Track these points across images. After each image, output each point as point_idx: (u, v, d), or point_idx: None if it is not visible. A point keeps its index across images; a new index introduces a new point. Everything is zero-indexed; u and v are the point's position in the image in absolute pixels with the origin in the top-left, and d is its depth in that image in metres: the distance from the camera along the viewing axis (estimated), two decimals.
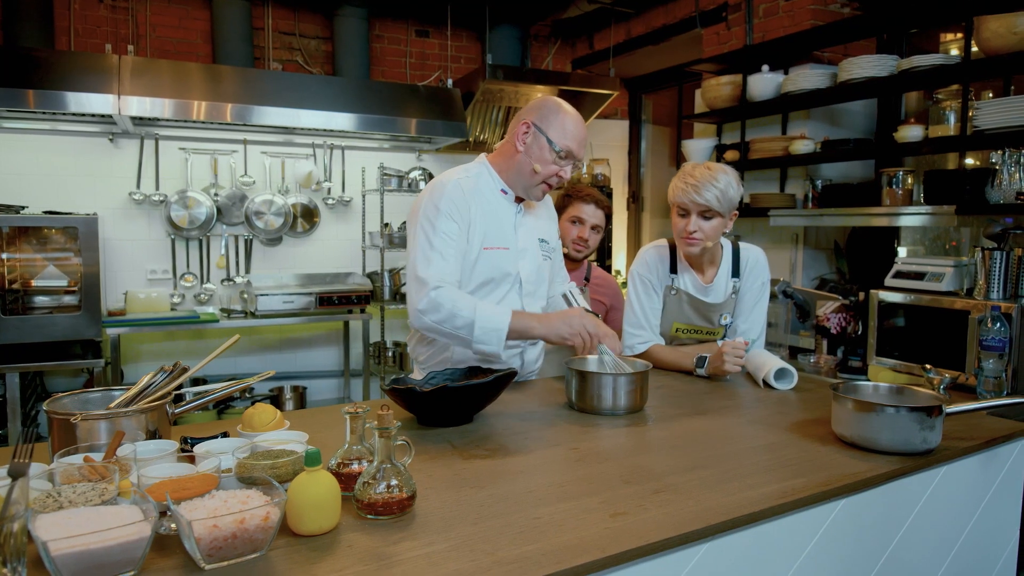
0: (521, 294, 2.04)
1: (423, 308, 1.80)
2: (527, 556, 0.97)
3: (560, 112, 1.92)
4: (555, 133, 1.90)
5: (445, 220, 1.88)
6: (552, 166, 1.92)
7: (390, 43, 5.01)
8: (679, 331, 2.28)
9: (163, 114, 3.70)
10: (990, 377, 2.57)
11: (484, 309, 1.79)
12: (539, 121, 1.92)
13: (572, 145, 1.91)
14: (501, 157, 2.01)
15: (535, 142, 1.92)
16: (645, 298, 2.25)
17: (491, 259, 1.96)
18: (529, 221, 2.09)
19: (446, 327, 1.79)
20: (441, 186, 1.93)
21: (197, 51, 4.45)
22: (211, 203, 4.33)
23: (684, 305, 2.25)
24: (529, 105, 1.98)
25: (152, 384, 1.40)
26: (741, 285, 2.23)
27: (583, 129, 1.95)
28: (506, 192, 2.02)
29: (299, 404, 4.53)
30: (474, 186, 1.96)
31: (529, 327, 1.81)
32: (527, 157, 1.93)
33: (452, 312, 1.77)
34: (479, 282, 1.96)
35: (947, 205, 2.98)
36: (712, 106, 4.09)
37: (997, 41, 2.81)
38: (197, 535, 0.91)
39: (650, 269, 2.25)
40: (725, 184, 2.05)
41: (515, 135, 1.95)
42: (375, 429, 1.11)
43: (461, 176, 1.97)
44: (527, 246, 2.05)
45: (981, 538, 1.53)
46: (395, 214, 4.78)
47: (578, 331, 1.78)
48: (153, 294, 4.15)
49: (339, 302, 4.29)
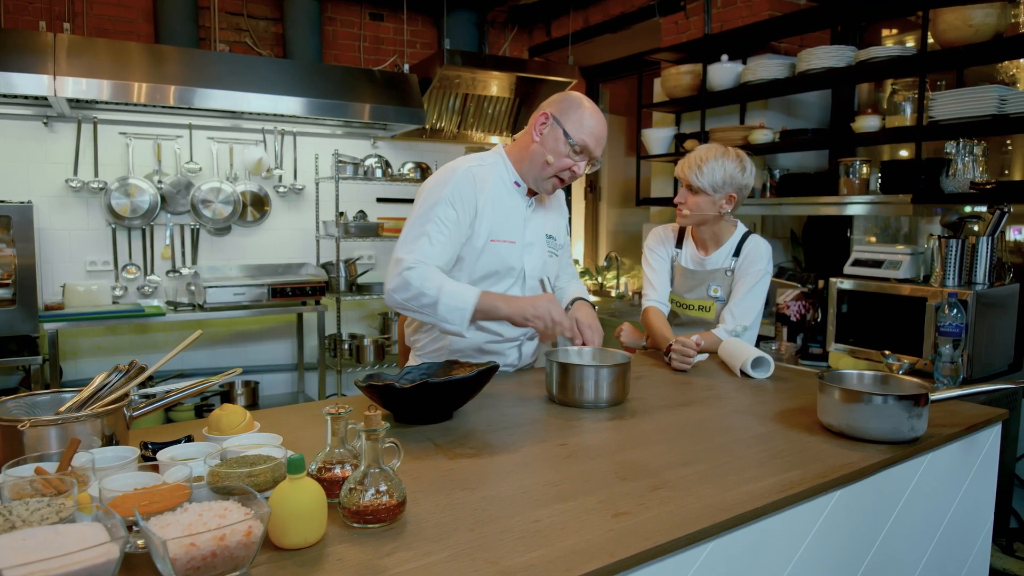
0: (524, 289, 2.02)
1: (392, 287, 1.79)
2: (533, 564, 0.91)
3: (581, 107, 1.90)
4: (572, 126, 1.87)
5: (445, 207, 1.84)
6: (566, 159, 1.89)
7: (343, 26, 4.85)
8: (672, 303, 2.44)
9: (101, 96, 3.49)
10: (946, 362, 2.62)
11: (449, 288, 1.76)
12: (558, 113, 1.89)
13: (588, 140, 1.88)
14: (517, 148, 1.99)
15: (551, 133, 1.89)
16: (654, 263, 2.46)
17: (497, 252, 1.94)
18: (539, 216, 2.07)
19: (413, 305, 1.77)
20: (451, 172, 1.90)
21: (138, 30, 4.22)
22: (154, 191, 4.12)
23: (677, 276, 2.43)
24: (552, 97, 1.96)
25: (107, 385, 1.29)
26: (738, 266, 2.32)
27: (603, 127, 1.92)
28: (519, 185, 1.99)
29: (251, 400, 4.37)
30: (487, 176, 1.93)
31: (494, 307, 1.77)
32: (541, 147, 1.91)
33: (419, 291, 1.75)
34: (482, 274, 1.95)
35: (903, 194, 3.04)
36: (672, 95, 4.08)
37: (952, 33, 2.86)
38: (173, 555, 0.82)
39: (657, 240, 2.49)
40: (711, 166, 2.22)
41: (533, 125, 1.93)
42: (361, 431, 1.04)
43: (474, 164, 1.94)
44: (534, 241, 2.04)
45: (962, 520, 1.55)
46: (350, 202, 4.64)
47: (541, 315, 1.75)
48: (93, 287, 3.92)
49: (293, 294, 4.14)
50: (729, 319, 2.27)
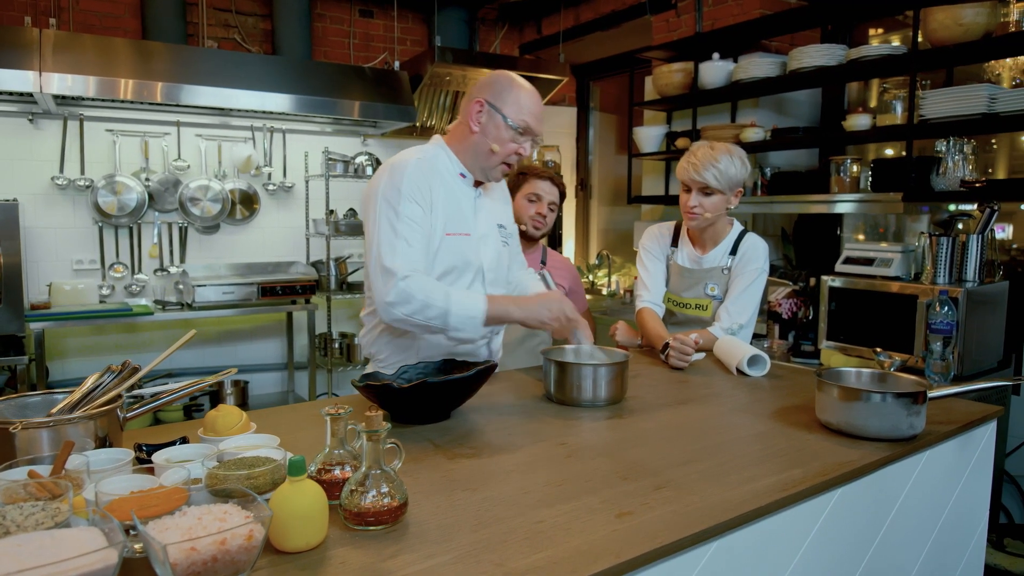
0: (484, 283, 1.94)
1: (393, 300, 1.68)
2: (539, 566, 0.90)
3: (513, 87, 1.83)
4: (510, 109, 1.81)
5: (408, 203, 1.75)
6: (510, 144, 1.83)
7: (332, 23, 4.81)
8: (669, 301, 2.42)
9: (87, 92, 3.44)
10: (937, 359, 2.64)
11: (458, 297, 1.70)
12: (493, 98, 1.82)
13: (529, 120, 1.82)
14: (456, 139, 1.91)
15: (490, 121, 1.82)
16: (649, 263, 2.44)
17: (453, 246, 1.86)
18: (487, 205, 1.99)
19: (418, 318, 1.68)
20: (402, 166, 1.80)
21: (124, 26, 4.16)
22: (142, 188, 4.07)
23: (673, 275, 2.41)
24: (480, 81, 1.88)
25: (100, 385, 1.27)
26: (735, 265, 2.31)
27: (539, 102, 1.86)
28: (464, 176, 1.92)
29: (241, 399, 4.33)
30: (432, 166, 1.85)
31: (507, 311, 1.73)
32: (484, 137, 1.83)
33: (424, 302, 1.67)
34: (441, 271, 1.86)
35: (894, 192, 3.05)
36: (663, 93, 4.08)
37: (943, 32, 2.88)
38: (173, 560, 0.81)
39: (653, 239, 2.47)
40: (725, 164, 2.19)
41: (469, 115, 1.84)
42: (362, 432, 1.02)
43: (420, 156, 1.85)
44: (487, 232, 1.96)
45: (958, 517, 1.55)
46: (341, 200, 4.61)
47: (557, 315, 1.72)
48: (80, 286, 3.87)
49: (283, 292, 4.10)
50: (725, 317, 2.27)
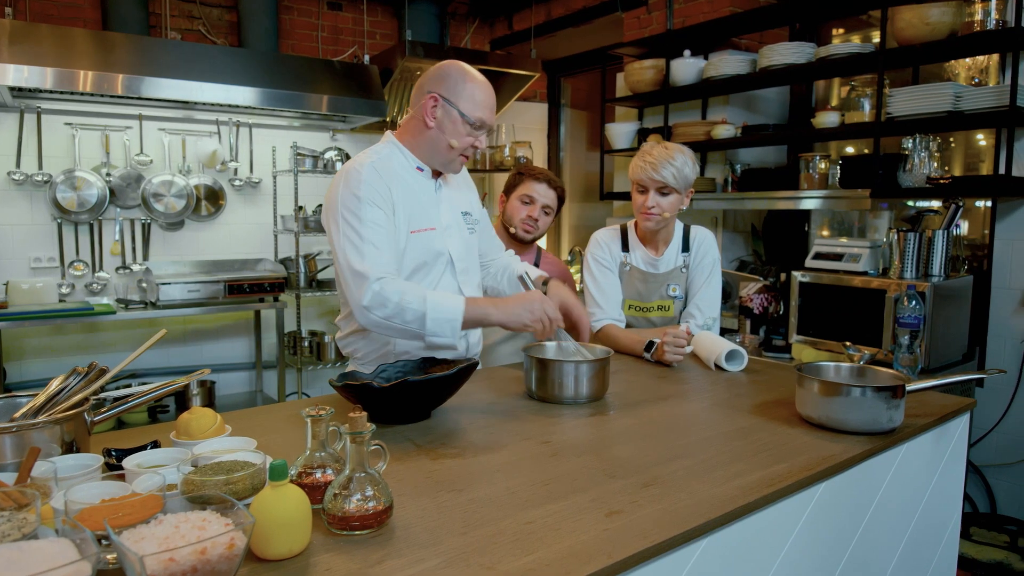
0: (455, 273, 1.93)
1: (368, 304, 1.65)
2: (531, 568, 0.88)
3: (466, 80, 1.80)
4: (466, 104, 1.78)
5: (369, 208, 1.73)
6: (467, 138, 1.82)
7: (300, 15, 4.72)
8: (631, 308, 2.33)
9: (45, 84, 3.31)
10: (905, 353, 2.69)
11: (435, 299, 1.67)
12: (447, 93, 1.79)
13: (484, 115, 1.81)
14: (409, 133, 1.87)
15: (446, 116, 1.79)
16: (600, 276, 2.31)
17: (420, 242, 1.84)
18: (449, 195, 1.97)
19: (396, 322, 1.66)
20: (356, 172, 1.77)
21: (84, 16, 4.02)
22: (103, 184, 3.95)
23: (635, 281, 2.32)
24: (431, 73, 1.83)
25: (65, 388, 1.21)
26: (691, 260, 2.30)
27: (492, 94, 1.85)
28: (422, 169, 1.89)
29: (208, 399, 4.23)
30: (388, 167, 1.82)
31: (486, 314, 1.70)
32: (440, 133, 1.81)
33: (400, 306, 1.64)
34: (411, 268, 1.84)
35: (862, 189, 3.10)
36: (635, 90, 4.09)
37: (910, 31, 2.93)
38: (151, 572, 0.77)
39: (602, 248, 2.33)
40: (681, 163, 2.14)
41: (423, 109, 1.80)
42: (346, 434, 0.99)
43: (374, 159, 1.82)
44: (451, 222, 1.94)
45: (935, 507, 1.58)
46: (310, 196, 4.53)
47: (539, 317, 1.68)
48: (38, 284, 3.73)
49: (250, 290, 4.01)
50: (697, 314, 2.27)
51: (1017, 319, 3.01)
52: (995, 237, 3.05)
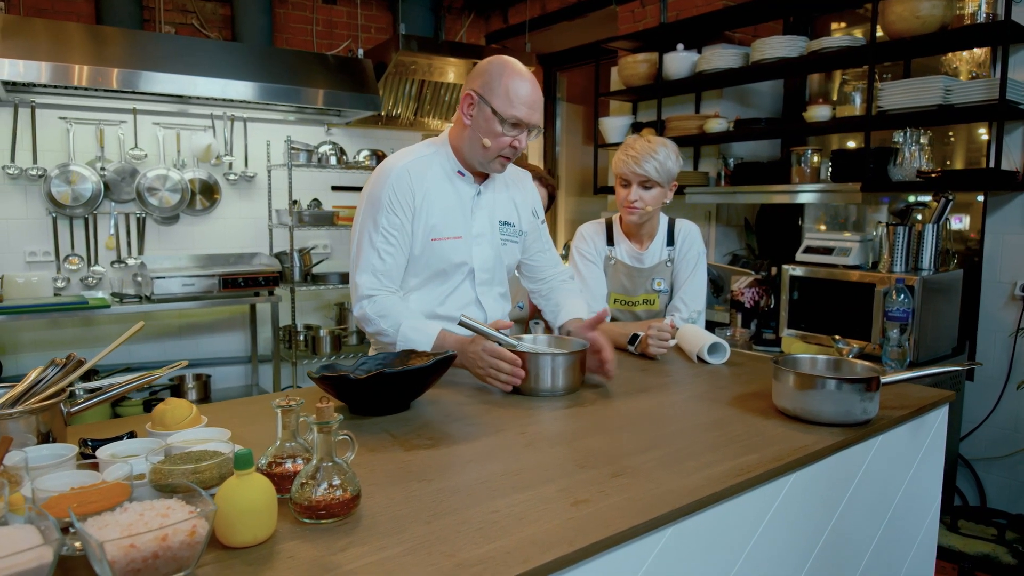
0: (475, 284, 1.91)
1: (358, 316, 1.83)
2: (491, 556, 0.89)
3: (503, 76, 1.72)
4: (499, 102, 1.71)
5: (387, 214, 1.78)
6: (503, 138, 1.74)
7: (294, 9, 4.72)
8: (616, 302, 2.34)
9: (39, 79, 3.33)
10: (894, 346, 2.70)
11: (406, 328, 1.76)
12: (482, 90, 1.73)
13: (520, 113, 1.71)
14: (454, 132, 1.85)
15: (480, 114, 1.74)
16: (584, 269, 2.31)
17: (440, 250, 1.83)
18: (490, 202, 1.91)
19: (378, 338, 1.83)
20: (386, 174, 1.79)
21: (78, 11, 4.03)
22: (97, 178, 3.96)
23: (621, 275, 2.33)
24: (475, 69, 1.78)
25: (43, 379, 1.22)
26: (676, 254, 2.31)
27: (532, 91, 1.73)
28: (463, 174, 1.87)
29: (203, 393, 4.25)
30: (425, 170, 1.81)
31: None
32: (475, 132, 1.76)
33: (378, 328, 1.79)
34: (428, 274, 1.85)
35: (853, 183, 3.10)
36: (628, 84, 4.09)
37: (901, 24, 2.92)
38: (111, 558, 0.78)
39: (587, 241, 2.34)
40: (664, 156, 2.14)
41: (461, 107, 1.78)
42: (313, 424, 1.00)
43: (411, 160, 1.81)
44: (483, 231, 1.89)
45: (911, 499, 1.58)
46: (304, 190, 4.54)
47: (487, 370, 1.62)
48: (33, 278, 3.76)
49: (245, 284, 4.03)
50: (682, 307, 2.28)
51: (1007, 312, 3.01)
52: (986, 231, 3.05)
